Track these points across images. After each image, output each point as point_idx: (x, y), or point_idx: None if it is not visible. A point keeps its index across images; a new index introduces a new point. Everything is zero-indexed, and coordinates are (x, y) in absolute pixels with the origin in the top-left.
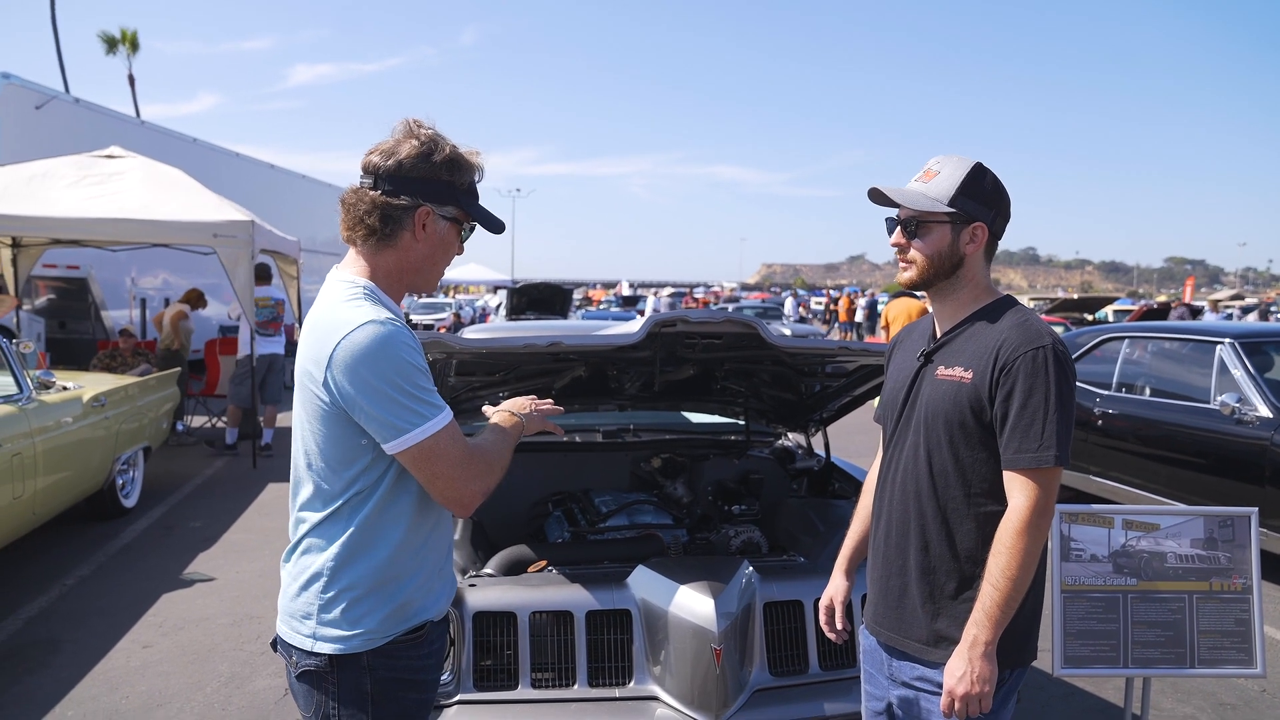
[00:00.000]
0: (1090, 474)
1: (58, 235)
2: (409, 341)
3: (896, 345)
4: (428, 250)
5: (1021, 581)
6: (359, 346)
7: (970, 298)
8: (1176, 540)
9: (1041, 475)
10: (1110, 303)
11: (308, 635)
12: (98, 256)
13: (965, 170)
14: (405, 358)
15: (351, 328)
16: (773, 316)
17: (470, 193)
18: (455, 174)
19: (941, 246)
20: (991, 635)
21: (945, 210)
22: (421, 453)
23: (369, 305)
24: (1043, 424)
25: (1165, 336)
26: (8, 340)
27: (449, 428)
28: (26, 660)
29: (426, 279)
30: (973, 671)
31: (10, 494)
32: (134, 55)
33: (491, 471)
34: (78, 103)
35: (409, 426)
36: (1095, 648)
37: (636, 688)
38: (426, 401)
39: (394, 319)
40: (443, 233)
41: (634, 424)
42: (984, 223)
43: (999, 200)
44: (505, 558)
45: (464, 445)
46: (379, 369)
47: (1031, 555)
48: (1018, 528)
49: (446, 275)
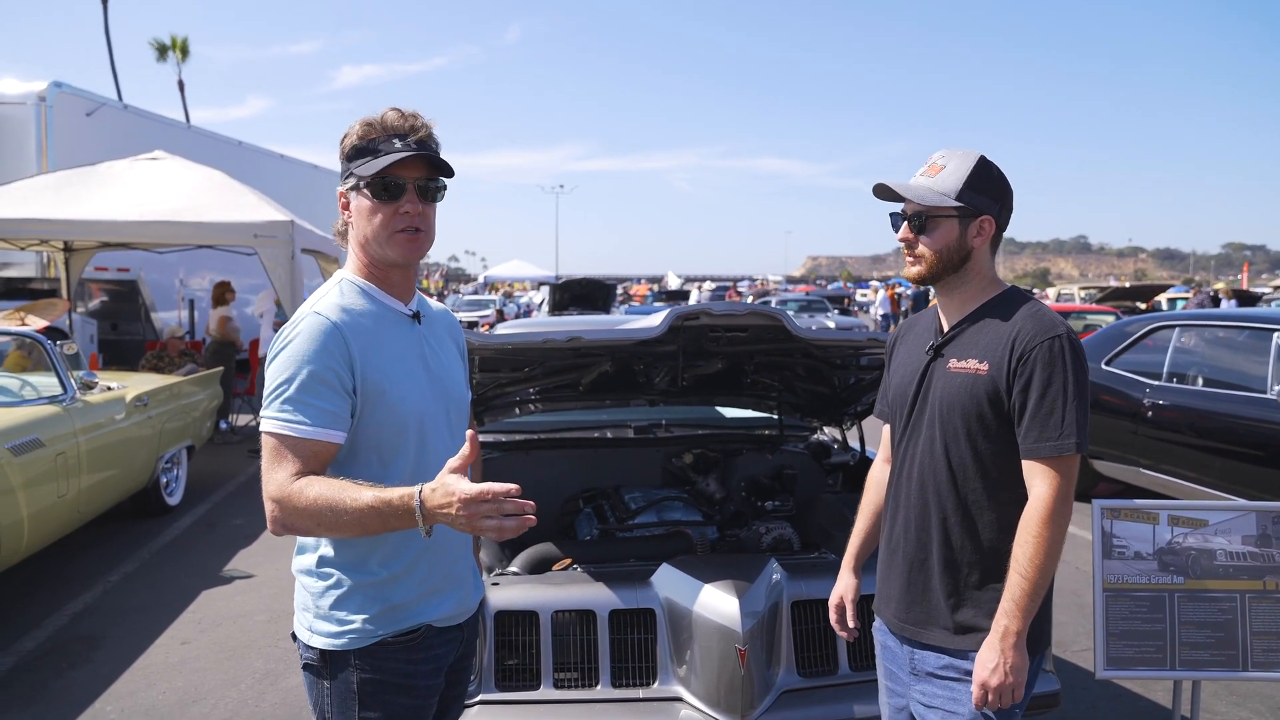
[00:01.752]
0: (1140, 467)
1: (106, 238)
2: (321, 337)
3: (898, 340)
4: (355, 226)
5: (1048, 569)
6: (279, 335)
7: (978, 290)
8: (1226, 537)
9: (1063, 463)
10: (1163, 290)
11: (306, 628)
12: (147, 259)
13: (971, 163)
14: (301, 349)
15: (290, 323)
16: (817, 309)
17: (358, 153)
18: (347, 147)
19: (950, 241)
20: (1022, 625)
21: (953, 204)
22: (262, 440)
23: (320, 299)
24: (1062, 412)
25: (1219, 324)
26: (51, 342)
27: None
28: (70, 655)
29: (372, 251)
30: (1005, 662)
31: (55, 492)
32: (184, 61)
33: (301, 513)
34: (126, 109)
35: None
36: (1140, 649)
37: (660, 688)
38: (285, 398)
39: (332, 314)
40: (360, 205)
41: (666, 419)
42: (991, 215)
43: (1004, 193)
44: (530, 556)
45: (284, 464)
46: (276, 349)
47: (1056, 543)
48: (1043, 516)
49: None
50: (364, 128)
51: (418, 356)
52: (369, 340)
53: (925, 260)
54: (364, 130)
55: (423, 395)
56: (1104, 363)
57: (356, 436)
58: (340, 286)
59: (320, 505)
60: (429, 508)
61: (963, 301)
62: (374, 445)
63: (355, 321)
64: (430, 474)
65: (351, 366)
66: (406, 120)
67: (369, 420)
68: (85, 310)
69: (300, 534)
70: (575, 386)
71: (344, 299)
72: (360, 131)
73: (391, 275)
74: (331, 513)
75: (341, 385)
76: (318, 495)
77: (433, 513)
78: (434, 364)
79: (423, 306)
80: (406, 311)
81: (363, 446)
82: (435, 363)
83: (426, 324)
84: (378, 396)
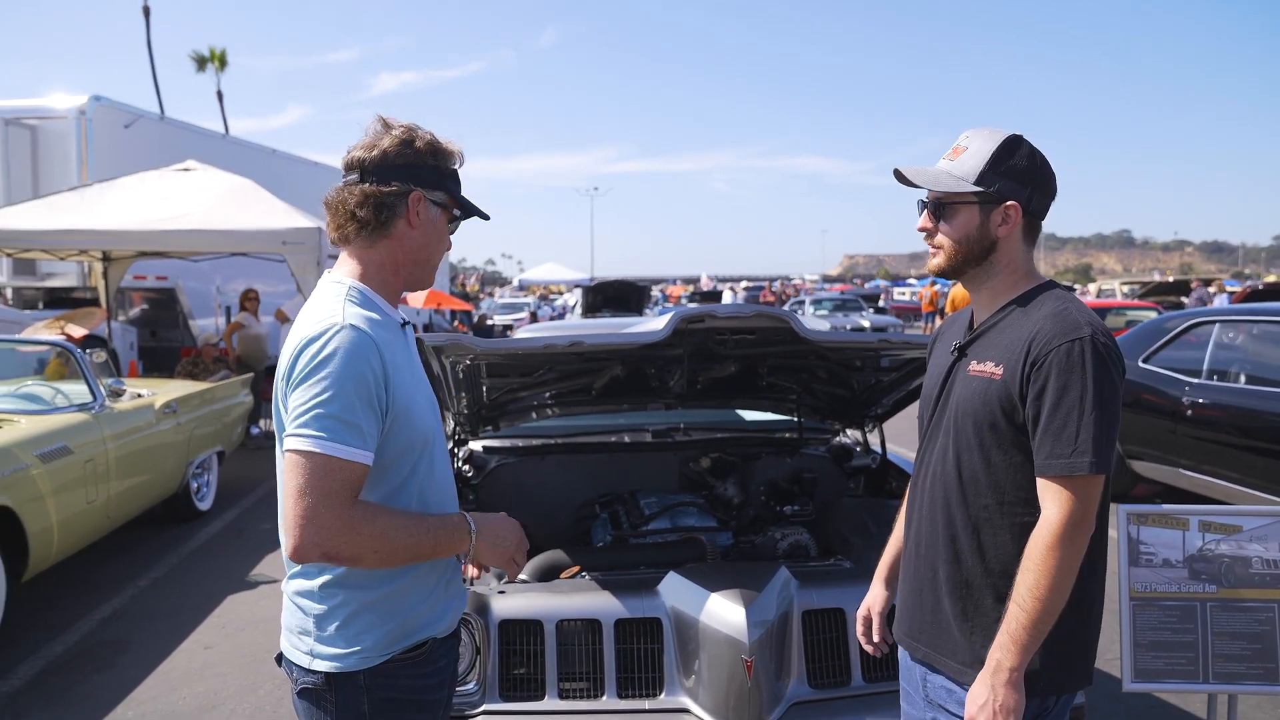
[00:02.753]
0: (1181, 468)
1: (140, 247)
2: (362, 353)
3: (938, 337)
4: (423, 238)
5: (1052, 602)
6: (306, 346)
7: (1008, 285)
8: (1263, 543)
9: (1076, 484)
10: (1210, 285)
11: (305, 652)
12: (184, 267)
13: (995, 144)
14: (342, 365)
15: (317, 332)
16: (852, 309)
17: (456, 179)
18: (440, 159)
19: (970, 229)
20: (1017, 661)
21: (972, 189)
22: (290, 461)
23: (340, 308)
24: (1077, 426)
25: (1261, 320)
26: (80, 351)
27: (323, 458)
28: (96, 660)
29: (424, 271)
30: (995, 700)
31: (84, 499)
32: (222, 72)
33: (363, 540)
34: (163, 120)
35: (295, 428)
36: (1170, 660)
37: (667, 699)
38: (329, 416)
39: (364, 325)
40: (435, 219)
41: (685, 423)
42: (1018, 201)
43: (1036, 176)
44: (540, 563)
45: (331, 488)
46: (307, 365)
47: (1064, 573)
48: (1048, 542)
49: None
50: (453, 149)
51: (418, 367)
52: (390, 355)
53: (945, 251)
54: (453, 151)
55: (431, 407)
56: (1141, 360)
57: (382, 454)
58: (352, 295)
59: (387, 535)
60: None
61: (991, 297)
62: (395, 463)
63: (380, 335)
64: (435, 489)
65: (386, 384)
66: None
67: (393, 437)
68: (126, 318)
69: (339, 561)
70: (588, 391)
71: (364, 310)
72: (453, 151)
73: (393, 292)
74: (396, 544)
75: (379, 404)
76: (380, 522)
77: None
78: (421, 374)
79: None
80: (400, 320)
81: (385, 463)
82: (422, 373)
83: (408, 332)
84: (404, 413)
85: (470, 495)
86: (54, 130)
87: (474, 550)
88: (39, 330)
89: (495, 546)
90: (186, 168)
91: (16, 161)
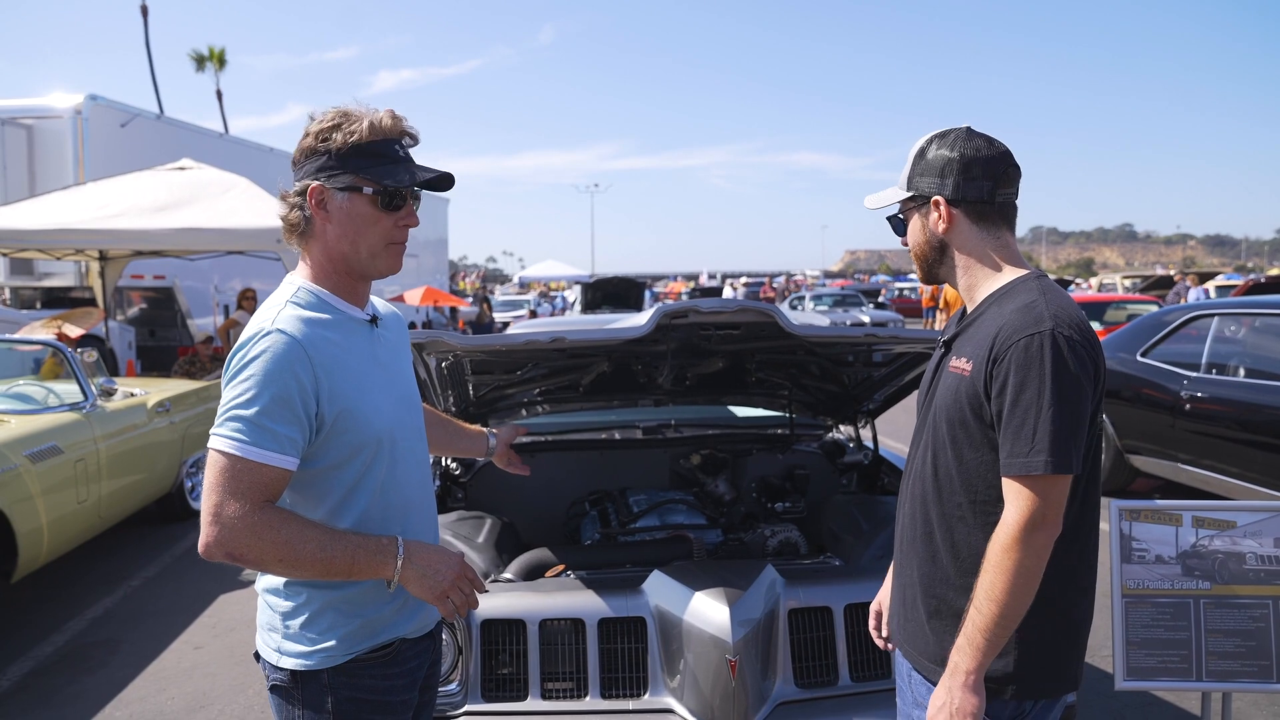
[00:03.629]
0: (1179, 462)
1: (135, 246)
2: (284, 358)
3: (945, 332)
4: (339, 229)
5: (1011, 605)
6: (237, 350)
7: (979, 277)
8: (1257, 539)
9: (1035, 483)
10: (1211, 278)
11: (274, 649)
12: (181, 266)
13: (916, 147)
14: (263, 369)
15: (247, 336)
16: (851, 304)
17: (361, 153)
18: (338, 143)
19: (918, 235)
20: (975, 664)
21: (904, 196)
22: (208, 458)
23: (277, 311)
24: (1035, 424)
25: (1260, 312)
26: (71, 350)
27: (233, 458)
28: (87, 660)
29: (363, 260)
30: (953, 703)
31: (75, 499)
32: (221, 71)
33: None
34: (160, 119)
35: (215, 426)
36: (1163, 658)
37: (651, 700)
38: (244, 418)
39: (295, 329)
40: (345, 205)
41: (676, 419)
42: (940, 195)
43: (954, 165)
44: (525, 562)
45: (239, 488)
46: (234, 367)
47: (1023, 574)
48: (1005, 543)
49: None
50: (358, 122)
51: (380, 365)
52: (333, 354)
53: (915, 261)
54: (356, 124)
55: (391, 405)
56: (1140, 354)
57: (326, 454)
58: (297, 295)
59: (291, 543)
60: (411, 555)
61: (969, 292)
62: (347, 461)
63: (318, 335)
64: (401, 488)
65: (316, 388)
66: (401, 123)
67: (340, 436)
68: (124, 318)
69: (242, 563)
70: (576, 388)
71: (303, 310)
72: (356, 123)
73: (358, 285)
74: (301, 554)
75: (304, 410)
76: (288, 530)
77: (416, 566)
78: (394, 370)
79: (374, 309)
80: (364, 317)
81: (333, 464)
82: (395, 369)
83: (382, 327)
84: (347, 415)
85: (459, 493)
86: (50, 129)
87: (398, 577)
88: (35, 330)
89: (425, 578)
90: (182, 166)
91: (13, 161)
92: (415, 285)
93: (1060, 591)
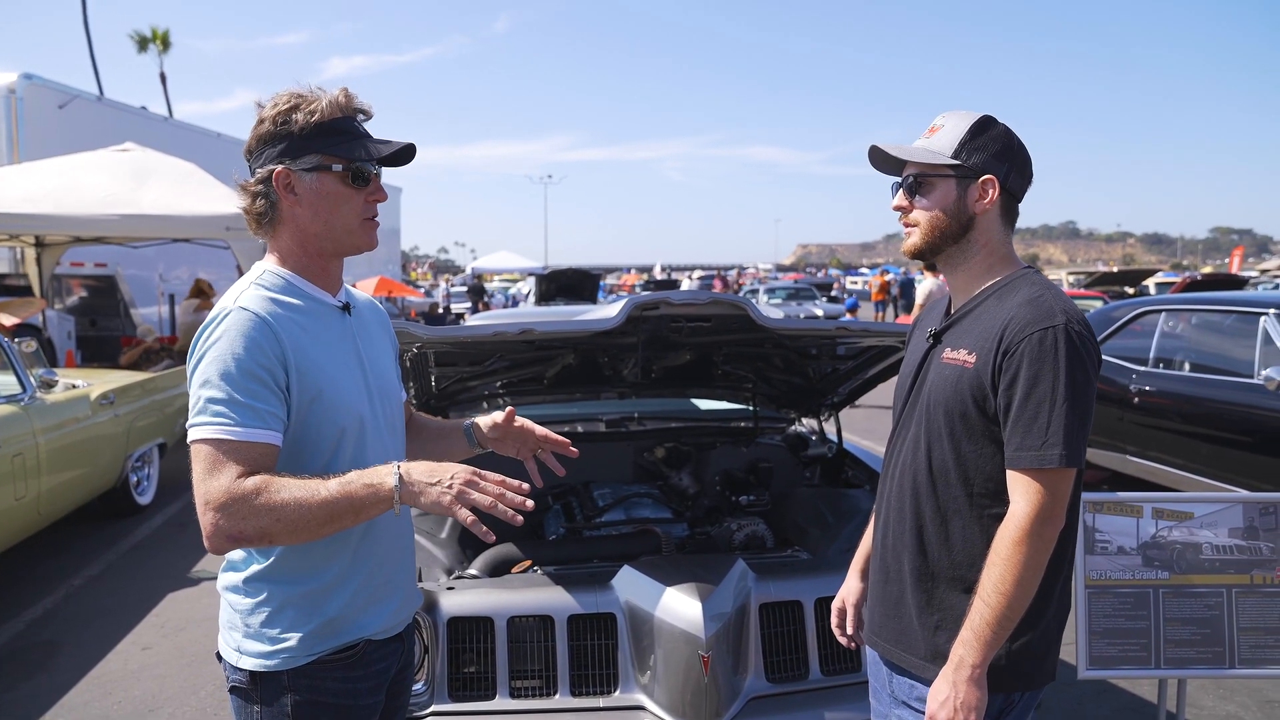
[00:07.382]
0: (1127, 454)
1: (74, 232)
2: (250, 333)
3: (917, 324)
4: (310, 210)
5: (1018, 598)
6: (200, 334)
7: (984, 268)
8: (1213, 530)
9: (1046, 477)
10: (1151, 275)
11: (234, 649)
12: (125, 254)
13: (971, 121)
14: (229, 347)
15: (208, 319)
16: (805, 298)
17: (324, 132)
18: (297, 124)
19: (946, 203)
20: (980, 657)
21: (949, 163)
22: (191, 452)
23: (241, 293)
24: (1048, 417)
25: (1206, 308)
26: (7, 340)
27: (215, 443)
28: (25, 665)
29: (338, 238)
30: (956, 697)
31: (13, 494)
32: (165, 53)
33: (260, 512)
34: (100, 101)
35: (190, 419)
36: (1124, 647)
37: (622, 697)
38: (218, 400)
39: (258, 307)
40: (315, 185)
41: (639, 412)
42: (994, 176)
43: (1012, 154)
44: (490, 557)
45: (226, 470)
46: (199, 350)
47: (1031, 568)
48: (1014, 536)
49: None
50: (315, 103)
51: (352, 352)
52: (301, 336)
53: (920, 228)
54: (314, 104)
55: (360, 394)
56: None
57: (292, 440)
58: (263, 279)
59: (284, 500)
60: (411, 480)
61: (968, 280)
62: (311, 449)
63: (285, 315)
64: None
65: (285, 364)
66: (355, 100)
67: (306, 422)
68: (63, 306)
69: (251, 542)
70: (540, 380)
71: (269, 292)
72: (313, 104)
73: (330, 266)
74: (298, 507)
75: (276, 383)
76: (281, 489)
77: (416, 486)
78: (368, 359)
79: (350, 298)
80: (336, 303)
81: (299, 451)
82: (369, 357)
83: (356, 316)
84: (315, 397)
85: None
86: None
87: (400, 496)
88: None
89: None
90: (124, 149)
91: None
92: (368, 275)
93: (1054, 583)
